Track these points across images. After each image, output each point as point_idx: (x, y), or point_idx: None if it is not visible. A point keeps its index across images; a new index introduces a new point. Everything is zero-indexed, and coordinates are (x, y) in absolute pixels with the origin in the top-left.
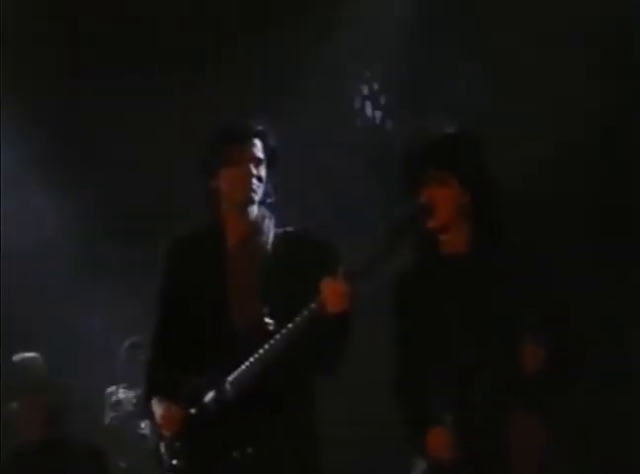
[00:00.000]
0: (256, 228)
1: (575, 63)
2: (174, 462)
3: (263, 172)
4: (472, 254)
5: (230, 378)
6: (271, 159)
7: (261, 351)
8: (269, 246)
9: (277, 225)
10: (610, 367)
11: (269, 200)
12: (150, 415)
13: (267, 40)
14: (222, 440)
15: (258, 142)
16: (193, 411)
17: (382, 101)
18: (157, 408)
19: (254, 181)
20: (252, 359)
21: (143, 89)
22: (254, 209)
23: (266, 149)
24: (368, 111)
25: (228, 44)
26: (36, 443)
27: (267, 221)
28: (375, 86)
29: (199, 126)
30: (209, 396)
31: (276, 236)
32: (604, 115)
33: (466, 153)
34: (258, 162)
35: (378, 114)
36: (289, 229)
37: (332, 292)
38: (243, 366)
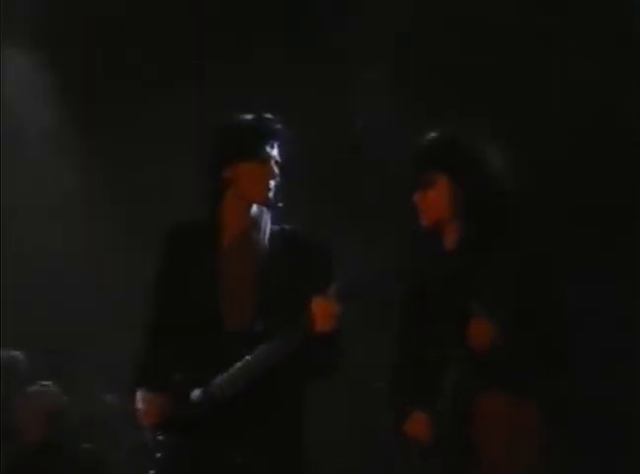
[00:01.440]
0: (254, 224)
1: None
2: (157, 455)
3: (278, 174)
4: (460, 250)
5: (218, 379)
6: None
7: (248, 357)
8: (265, 244)
9: (272, 222)
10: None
11: (280, 204)
12: (135, 406)
13: (267, 40)
14: (207, 437)
15: (277, 143)
16: (178, 406)
17: (383, 101)
18: (140, 399)
19: (272, 181)
20: (240, 364)
21: (142, 87)
22: (254, 206)
23: (281, 151)
24: (369, 111)
25: (228, 44)
26: (36, 445)
27: (264, 217)
28: (376, 86)
29: (199, 126)
30: (195, 394)
31: (272, 233)
32: (608, 115)
33: (454, 153)
34: (276, 162)
35: (378, 114)
36: (286, 227)
37: (322, 312)
38: (231, 369)
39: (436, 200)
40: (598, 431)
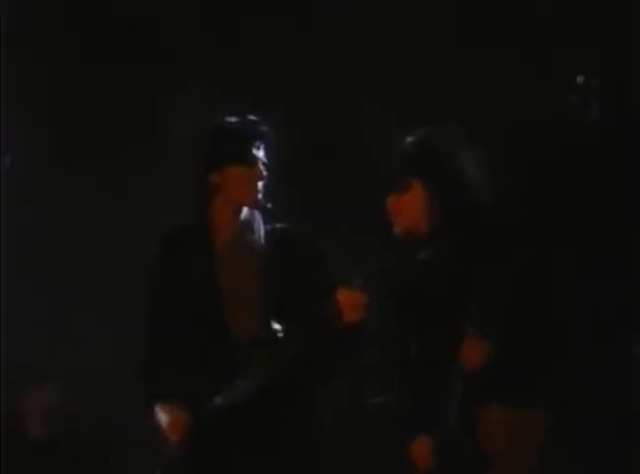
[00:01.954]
0: (246, 226)
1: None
2: (178, 466)
3: (266, 175)
4: (438, 255)
5: (238, 385)
6: (269, 162)
7: (269, 358)
8: (262, 245)
9: (265, 221)
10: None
11: (268, 206)
12: (154, 419)
13: (266, 40)
14: (227, 446)
15: (263, 145)
16: (197, 416)
17: (384, 101)
18: (161, 413)
19: (260, 183)
20: (259, 367)
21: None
22: (244, 208)
23: (267, 152)
24: (370, 111)
25: (229, 44)
26: (38, 443)
27: (256, 217)
28: (377, 86)
29: (198, 125)
30: (215, 402)
31: (267, 233)
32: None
33: (432, 160)
34: (263, 164)
35: (379, 114)
36: (278, 226)
37: (349, 302)
38: (251, 374)
39: (409, 206)
40: (598, 431)
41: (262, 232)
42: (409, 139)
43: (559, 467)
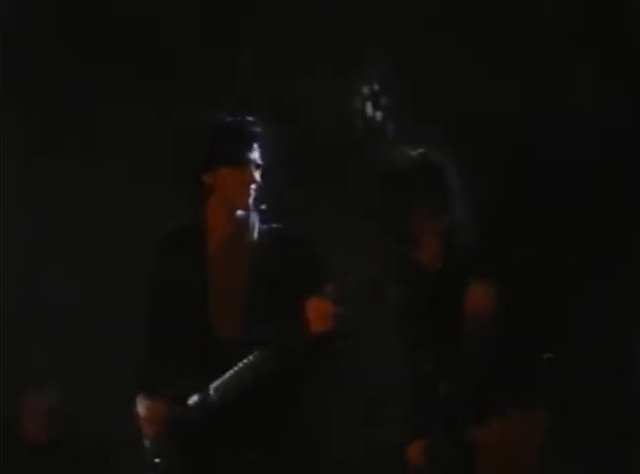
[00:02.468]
0: (241, 226)
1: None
2: (156, 461)
3: (259, 177)
4: (443, 271)
5: (214, 384)
6: (264, 163)
7: (245, 361)
8: (255, 246)
9: (261, 221)
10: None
11: (262, 207)
12: (136, 412)
13: (265, 39)
14: (205, 443)
15: (258, 146)
16: (176, 412)
17: (383, 101)
18: (141, 405)
19: (253, 186)
20: (237, 368)
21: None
22: None
23: (262, 153)
24: (369, 111)
25: (225, 44)
26: (37, 444)
27: (252, 218)
28: (376, 86)
29: (197, 125)
30: (193, 399)
31: (261, 234)
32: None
33: (435, 180)
34: (257, 167)
35: (378, 114)
36: (274, 226)
37: (316, 313)
38: (228, 374)
39: (432, 233)
40: (598, 431)
41: (256, 232)
42: (413, 164)
43: (559, 467)
